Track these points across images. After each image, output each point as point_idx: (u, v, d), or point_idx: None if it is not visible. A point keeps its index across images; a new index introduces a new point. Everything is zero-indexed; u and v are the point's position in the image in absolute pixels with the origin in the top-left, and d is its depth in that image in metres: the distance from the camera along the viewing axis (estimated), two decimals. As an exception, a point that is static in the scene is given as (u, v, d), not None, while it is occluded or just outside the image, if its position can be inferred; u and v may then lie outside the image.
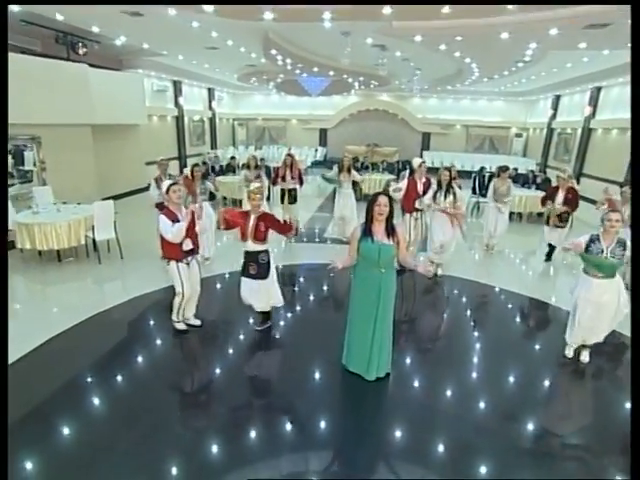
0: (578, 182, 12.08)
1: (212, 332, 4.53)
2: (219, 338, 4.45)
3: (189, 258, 4.23)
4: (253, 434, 3.10)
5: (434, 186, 6.03)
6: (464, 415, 3.36)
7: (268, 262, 4.20)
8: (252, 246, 4.12)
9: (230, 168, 11.46)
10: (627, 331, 4.30)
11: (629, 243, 3.59)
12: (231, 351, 4.24)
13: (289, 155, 7.30)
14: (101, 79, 9.56)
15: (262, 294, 4.28)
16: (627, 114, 11.13)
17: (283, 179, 7.25)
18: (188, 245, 4.13)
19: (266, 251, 4.19)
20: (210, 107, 17.73)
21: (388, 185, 9.54)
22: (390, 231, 3.31)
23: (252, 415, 3.35)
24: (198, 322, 4.54)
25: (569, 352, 4.18)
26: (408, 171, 6.65)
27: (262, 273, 4.17)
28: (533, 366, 4.11)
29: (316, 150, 19.83)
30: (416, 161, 6.51)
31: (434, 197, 5.90)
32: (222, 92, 18.73)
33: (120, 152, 10.99)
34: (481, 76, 12.92)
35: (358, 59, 10.45)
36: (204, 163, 12.43)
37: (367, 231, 3.31)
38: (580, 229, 7.38)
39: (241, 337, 4.45)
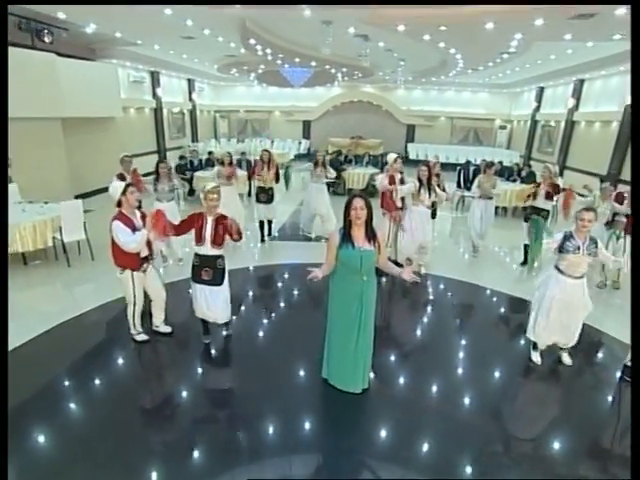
0: (562, 175, 12.09)
1: (184, 338, 4.30)
2: (191, 345, 4.21)
3: (145, 265, 3.94)
4: (231, 443, 2.99)
5: (415, 182, 5.86)
6: (449, 416, 3.30)
7: (224, 268, 3.90)
8: (210, 250, 3.78)
9: (210, 163, 11.10)
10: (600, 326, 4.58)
11: (600, 243, 3.70)
12: (205, 358, 4.05)
13: (266, 150, 6.98)
14: (71, 69, 9.07)
15: (219, 301, 3.95)
16: (610, 107, 11.17)
17: (260, 174, 6.94)
18: (145, 251, 3.86)
19: (222, 256, 3.88)
20: (190, 98, 17.21)
21: (373, 180, 9.37)
22: (371, 235, 3.10)
23: (230, 424, 3.23)
24: (169, 329, 4.30)
25: (537, 358, 4.03)
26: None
27: (217, 279, 3.85)
28: (517, 367, 4.02)
29: (300, 143, 19.51)
30: (391, 156, 6.31)
31: (418, 193, 5.77)
32: (202, 83, 18.22)
33: (95, 146, 10.51)
34: (465, 67, 12.78)
35: (341, 49, 10.16)
36: (182, 157, 12.04)
37: (346, 236, 3.07)
38: (564, 223, 7.29)
39: (215, 343, 4.23)
